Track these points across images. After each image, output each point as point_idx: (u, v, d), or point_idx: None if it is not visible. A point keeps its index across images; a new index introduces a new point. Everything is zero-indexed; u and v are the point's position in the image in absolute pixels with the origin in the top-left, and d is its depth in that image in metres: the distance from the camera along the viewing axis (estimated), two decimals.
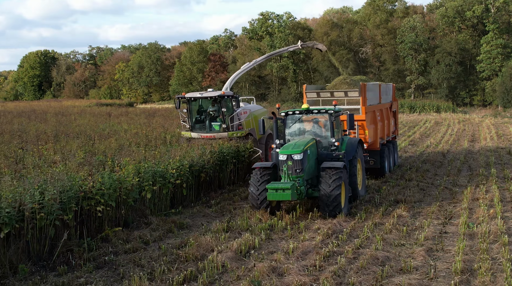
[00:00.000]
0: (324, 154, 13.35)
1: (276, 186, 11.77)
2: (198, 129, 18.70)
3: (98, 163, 13.33)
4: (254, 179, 12.67)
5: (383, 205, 13.66)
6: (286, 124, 13.93)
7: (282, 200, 11.91)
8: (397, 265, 9.11)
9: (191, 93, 19.04)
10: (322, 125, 13.87)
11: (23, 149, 16.85)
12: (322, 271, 8.88)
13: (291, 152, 12.28)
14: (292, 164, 12.20)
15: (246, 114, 19.12)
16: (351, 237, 10.95)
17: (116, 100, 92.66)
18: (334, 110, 13.61)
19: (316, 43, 25.33)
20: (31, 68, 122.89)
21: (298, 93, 67.84)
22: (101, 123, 30.80)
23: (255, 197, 12.55)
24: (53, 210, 9.81)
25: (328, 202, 11.88)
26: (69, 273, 9.11)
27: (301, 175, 12.28)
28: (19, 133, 22.20)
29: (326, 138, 13.69)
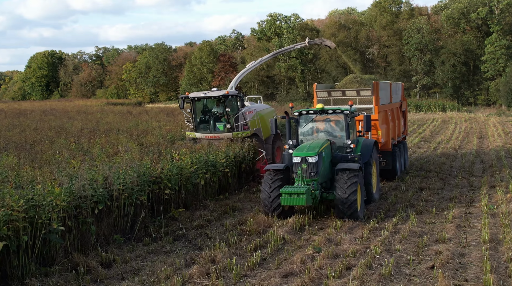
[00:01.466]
0: (338, 156, 12.77)
1: (291, 190, 11.26)
2: (202, 130, 18.30)
3: (154, 153, 14.93)
4: (266, 182, 12.10)
5: (410, 191, 15.24)
6: (299, 124, 13.44)
7: (296, 205, 11.53)
8: (433, 237, 10.69)
9: (195, 92, 18.69)
10: (336, 126, 13.35)
11: (76, 142, 18.43)
12: (370, 241, 10.47)
13: (305, 155, 11.78)
14: (307, 167, 11.71)
15: (252, 114, 18.64)
16: (387, 217, 12.53)
17: (125, 100, 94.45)
18: (350, 110, 13.16)
19: (324, 40, 24.89)
20: (39, 68, 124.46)
21: (306, 93, 69.34)
22: (126, 120, 32.39)
23: (267, 202, 11.99)
24: (135, 192, 11.43)
25: (344, 206, 11.43)
26: (154, 243, 10.71)
27: (315, 179, 11.76)
28: (58, 129, 23.77)
29: (340, 139, 13.16)
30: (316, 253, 9.69)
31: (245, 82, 72.16)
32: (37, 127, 23.94)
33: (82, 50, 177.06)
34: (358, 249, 9.88)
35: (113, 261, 9.62)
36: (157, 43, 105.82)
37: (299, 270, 8.80)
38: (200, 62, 74.97)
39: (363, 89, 16.92)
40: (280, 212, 12.02)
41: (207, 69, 74.49)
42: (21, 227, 8.65)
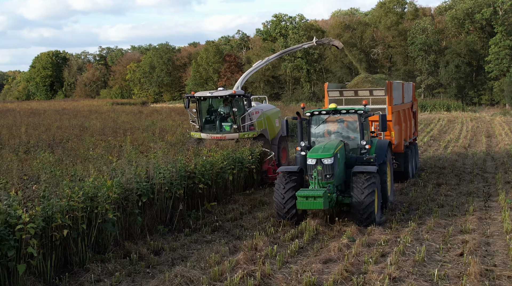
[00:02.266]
0: (353, 157, 12.41)
1: (307, 193, 10.88)
2: (208, 130, 18.03)
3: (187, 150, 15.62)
4: (279, 184, 11.68)
5: (429, 186, 15.91)
6: (311, 125, 13.02)
7: (313, 209, 11.24)
8: (457, 228, 11.36)
9: (201, 92, 18.27)
10: (349, 126, 12.99)
11: (104, 140, 19.08)
12: (399, 231, 11.16)
13: (321, 156, 11.40)
14: (322, 169, 11.35)
15: (258, 114, 18.32)
16: (411, 210, 13.20)
17: (130, 100, 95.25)
18: (364, 110, 12.73)
19: (332, 40, 24.34)
20: (43, 69, 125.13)
21: (312, 93, 70.04)
22: (140, 119, 33.06)
23: (280, 205, 11.57)
24: (173, 186, 12.10)
25: (361, 210, 11.03)
26: (194, 234, 11.39)
27: (331, 181, 11.46)
28: (80, 128, 24.45)
29: (354, 140, 12.79)
30: (350, 242, 10.36)
31: (251, 82, 72.79)
32: (59, 126, 24.57)
33: (86, 50, 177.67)
34: (389, 238, 10.55)
35: (161, 249, 10.30)
36: (161, 43, 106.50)
37: (337, 257, 9.47)
38: (206, 62, 75.62)
39: (376, 89, 16.59)
40: (293, 216, 11.61)
41: (213, 69, 75.16)
42: (79, 217, 9.32)
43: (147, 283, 8.53)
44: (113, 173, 11.16)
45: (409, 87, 19.87)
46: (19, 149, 16.07)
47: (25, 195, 8.70)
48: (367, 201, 11.00)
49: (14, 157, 14.06)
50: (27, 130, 21.59)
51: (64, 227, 8.89)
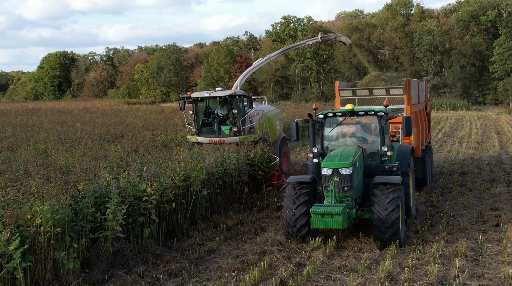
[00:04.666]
0: (373, 166, 10.96)
1: (323, 210, 9.42)
2: (205, 133, 16.91)
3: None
4: (289, 197, 10.26)
5: (454, 175, 17.81)
6: (324, 128, 11.59)
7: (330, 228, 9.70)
8: (488, 207, 13.26)
9: (198, 92, 17.14)
10: (367, 129, 11.59)
11: (154, 135, 21.00)
12: (440, 208, 13.07)
13: (338, 165, 9.93)
14: (339, 180, 9.93)
15: (258, 116, 17.36)
16: (444, 193, 15.11)
17: (140, 99, 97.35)
18: (385, 111, 11.28)
19: (338, 35, 22.98)
20: (51, 69, 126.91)
21: (320, 93, 71.96)
22: (168, 118, 34.92)
23: (290, 221, 10.16)
24: (242, 171, 14.02)
25: (384, 228, 9.59)
26: (263, 211, 13.31)
27: (349, 194, 10.03)
28: (123, 125, 26.33)
29: (372, 145, 11.38)
30: None
31: (261, 82, 74.74)
32: (105, 123, 26.47)
33: (93, 51, 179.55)
34: (433, 213, 12.48)
35: (241, 222, 12.22)
36: (169, 44, 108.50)
37: None
38: (218, 63, 77.56)
39: (394, 87, 15.21)
40: (306, 233, 10.23)
41: (224, 69, 77.11)
42: (180, 193, 11.24)
43: (243, 245, 10.43)
44: (200, 159, 13.10)
45: (422, 86, 18.38)
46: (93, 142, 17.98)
47: (148, 174, 10.60)
48: (391, 218, 9.49)
49: (98, 146, 15.99)
50: (83, 126, 23.45)
51: (172, 201, 10.82)
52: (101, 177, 10.66)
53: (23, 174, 10.54)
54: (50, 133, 20.96)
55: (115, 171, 11.48)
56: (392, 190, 9.81)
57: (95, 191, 9.41)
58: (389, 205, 9.57)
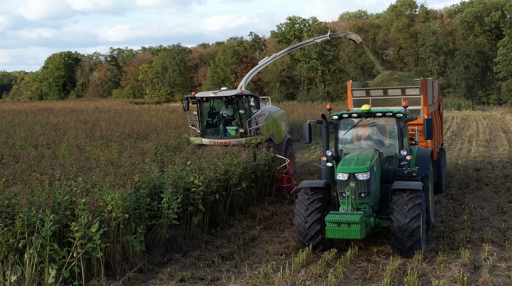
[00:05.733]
0: (390, 170, 10.37)
1: (340, 218, 8.91)
2: (210, 135, 16.35)
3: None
4: (301, 203, 9.70)
5: (469, 171, 18.62)
6: (339, 130, 11.00)
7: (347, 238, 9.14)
8: (506, 199, 14.06)
9: (202, 92, 16.55)
10: (384, 132, 10.97)
11: (179, 133, 21.80)
12: (461, 201, 13.89)
13: (354, 170, 9.40)
14: (356, 186, 9.38)
15: (264, 117, 16.93)
16: (462, 187, 15.92)
17: (146, 99, 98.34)
18: (404, 113, 10.76)
19: (348, 33, 22.14)
20: (56, 69, 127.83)
21: (326, 93, 72.83)
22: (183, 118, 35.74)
23: (302, 229, 9.54)
24: (272, 167, 14.84)
25: (404, 238, 9.00)
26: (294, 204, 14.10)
27: (367, 201, 9.49)
28: (144, 124, 27.12)
29: (389, 148, 10.77)
30: None
31: (267, 82, 75.57)
32: (127, 122, 27.31)
33: (97, 51, 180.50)
34: (455, 206, 13.31)
35: (275, 213, 13.04)
36: (173, 44, 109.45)
37: None
38: (224, 63, 78.45)
39: (410, 87, 14.68)
40: (319, 242, 9.59)
41: (231, 70, 78.00)
42: (221, 186, 12.07)
43: (282, 233, 11.27)
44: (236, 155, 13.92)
45: (435, 86, 17.63)
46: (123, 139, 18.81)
47: (193, 167, 11.43)
48: (411, 226, 8.96)
49: (130, 143, 16.82)
50: (109, 125, 24.27)
51: (215, 192, 11.65)
52: (149, 171, 11.46)
53: (80, 167, 11.36)
54: (77, 131, 21.78)
55: (160, 165, 12.30)
56: (413, 197, 9.24)
57: (149, 182, 10.23)
58: (410, 213, 9.01)
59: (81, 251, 7.90)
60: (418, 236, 9.04)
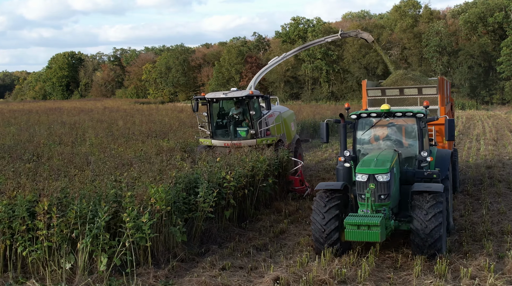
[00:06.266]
0: (410, 172, 10.21)
1: (359, 221, 8.73)
2: (220, 136, 16.13)
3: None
4: (318, 206, 9.46)
5: (481, 168, 19.12)
6: (357, 130, 10.78)
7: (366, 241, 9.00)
8: None
9: (212, 93, 16.36)
10: (402, 132, 10.76)
11: (196, 132, 22.29)
12: (478, 197, 14.39)
13: (374, 171, 9.21)
14: (376, 187, 9.20)
15: (273, 117, 16.77)
16: (476, 184, 16.42)
17: (150, 99, 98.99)
18: (424, 113, 10.60)
19: (360, 32, 21.73)
20: (60, 69, 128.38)
21: (330, 93, 73.36)
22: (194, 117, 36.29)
23: (320, 233, 9.32)
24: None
25: (425, 239, 8.83)
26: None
27: (386, 203, 9.29)
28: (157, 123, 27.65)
29: (407, 149, 10.54)
30: None
31: (271, 82, 76.06)
32: (142, 121, 27.84)
33: (100, 51, 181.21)
34: (472, 201, 13.81)
35: (300, 208, 13.55)
36: (176, 44, 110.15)
37: None
38: (229, 63, 78.99)
39: (427, 87, 14.67)
40: (336, 245, 9.37)
41: (235, 70, 78.54)
42: (248, 182, 12.56)
43: (308, 226, 11.73)
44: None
45: (448, 86, 17.36)
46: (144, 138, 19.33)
47: (225, 163, 11.93)
48: (433, 230, 8.81)
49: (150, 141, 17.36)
50: (126, 124, 24.80)
51: (244, 188, 12.15)
52: (180, 167, 11.96)
53: (118, 163, 11.87)
54: (96, 130, 22.30)
55: (189, 161, 12.81)
56: (434, 199, 9.02)
57: (185, 178, 10.73)
58: (430, 216, 8.82)
59: (132, 240, 8.40)
60: (439, 240, 8.84)
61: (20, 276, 8.59)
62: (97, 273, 8.40)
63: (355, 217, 8.88)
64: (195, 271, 8.89)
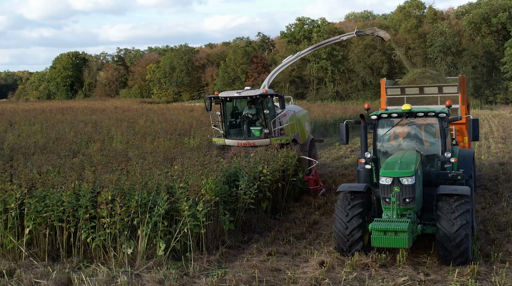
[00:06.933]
0: (433, 173, 9.95)
1: (386, 226, 8.52)
2: (233, 135, 16.07)
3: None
4: (341, 208, 9.29)
5: (495, 165, 19.82)
6: (377, 131, 10.54)
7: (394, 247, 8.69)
8: None
9: (226, 92, 16.26)
10: (424, 132, 10.64)
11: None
12: (496, 191, 15.10)
13: (399, 174, 8.97)
14: (400, 191, 8.95)
15: (287, 117, 16.62)
16: (492, 179, 17.12)
17: (155, 99, 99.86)
18: (446, 112, 10.18)
19: (376, 30, 21.36)
20: (64, 69, 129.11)
21: (335, 92, 74.09)
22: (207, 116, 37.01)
23: (343, 238, 9.14)
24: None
25: (451, 246, 8.58)
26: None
27: (411, 207, 9.06)
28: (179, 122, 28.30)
29: (429, 149, 10.37)
30: None
31: (277, 82, 76.64)
32: (159, 120, 28.57)
33: (104, 51, 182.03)
34: (491, 195, 14.52)
35: (327, 202, 14.26)
36: (181, 44, 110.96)
37: None
38: (235, 63, 79.71)
39: (448, 85, 14.58)
40: (359, 248, 9.19)
41: (241, 69, 79.27)
42: (280, 176, 13.27)
43: None
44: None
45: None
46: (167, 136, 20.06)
47: (262, 158, 12.65)
48: (459, 235, 8.51)
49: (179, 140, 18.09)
50: (145, 123, 25.52)
51: (278, 181, 12.87)
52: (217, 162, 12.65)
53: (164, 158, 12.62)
54: (121, 128, 23.02)
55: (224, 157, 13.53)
56: (461, 202, 8.76)
57: (226, 171, 11.44)
58: (458, 220, 8.54)
59: (189, 227, 9.11)
60: (466, 245, 8.55)
61: (85, 261, 9.30)
62: (156, 258, 9.09)
63: (381, 223, 8.65)
64: (244, 257, 9.60)
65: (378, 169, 9.99)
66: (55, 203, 9.24)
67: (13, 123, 28.16)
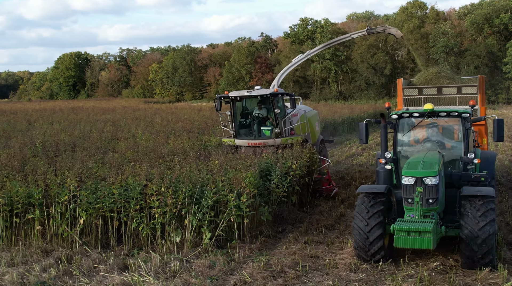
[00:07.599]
0: (455, 175, 9.78)
1: (410, 227, 8.31)
2: (243, 135, 15.86)
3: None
4: (361, 210, 9.09)
5: (505, 161, 20.51)
6: (398, 131, 10.38)
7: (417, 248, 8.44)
8: None
9: (236, 91, 16.08)
10: (445, 132, 10.43)
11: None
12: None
13: (422, 174, 8.81)
14: (424, 191, 8.77)
15: (298, 116, 16.40)
16: (503, 176, 17.82)
17: (159, 99, 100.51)
18: (470, 113, 9.99)
19: (387, 27, 21.19)
20: (66, 69, 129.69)
21: (338, 92, 74.85)
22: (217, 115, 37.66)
23: (363, 240, 8.95)
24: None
25: (476, 247, 8.41)
26: None
27: (435, 208, 8.88)
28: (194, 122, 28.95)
29: (451, 150, 10.20)
30: None
31: (281, 82, 77.40)
32: (173, 120, 29.25)
33: (107, 51, 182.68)
34: (506, 190, 15.21)
35: (350, 196, 14.93)
36: (183, 44, 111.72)
37: None
38: (239, 63, 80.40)
39: (467, 86, 14.45)
40: (380, 249, 8.97)
41: (245, 70, 79.96)
42: (306, 172, 13.94)
43: None
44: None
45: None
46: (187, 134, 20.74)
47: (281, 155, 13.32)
48: (484, 235, 8.37)
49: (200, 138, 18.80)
50: (161, 121, 26.21)
51: (304, 176, 13.54)
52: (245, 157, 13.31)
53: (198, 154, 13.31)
54: (141, 127, 23.72)
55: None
56: (485, 204, 8.61)
57: (259, 165, 12.11)
58: (483, 221, 8.41)
59: (234, 217, 9.78)
60: (491, 247, 8.36)
61: (135, 248, 9.97)
62: (201, 246, 9.76)
63: (405, 223, 8.40)
64: (282, 245, 10.28)
65: (398, 170, 9.96)
66: (107, 195, 9.90)
67: (31, 122, 28.80)
